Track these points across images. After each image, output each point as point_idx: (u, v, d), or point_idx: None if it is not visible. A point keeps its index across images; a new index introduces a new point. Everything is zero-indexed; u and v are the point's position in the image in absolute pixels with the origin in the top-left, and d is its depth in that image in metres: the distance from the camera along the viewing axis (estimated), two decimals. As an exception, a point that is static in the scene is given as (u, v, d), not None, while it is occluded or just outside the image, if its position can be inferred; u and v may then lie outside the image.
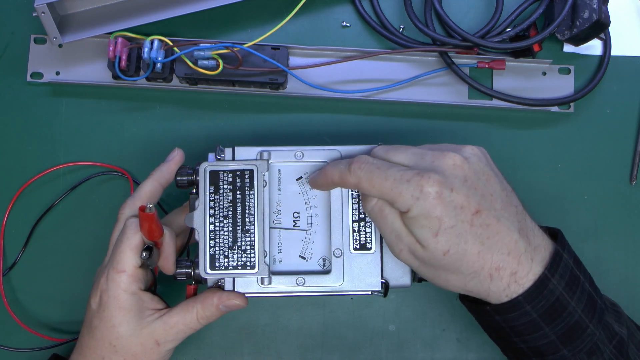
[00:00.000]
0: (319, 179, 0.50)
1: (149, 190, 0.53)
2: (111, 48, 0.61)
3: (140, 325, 0.50)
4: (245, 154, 0.53)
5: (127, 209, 0.52)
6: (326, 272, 0.52)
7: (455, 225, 0.44)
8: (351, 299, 0.63)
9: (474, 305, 0.49)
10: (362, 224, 0.52)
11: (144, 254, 0.49)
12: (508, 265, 0.45)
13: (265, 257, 0.51)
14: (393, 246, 0.47)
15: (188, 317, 0.51)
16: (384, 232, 0.47)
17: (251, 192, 0.52)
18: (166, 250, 0.51)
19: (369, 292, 0.52)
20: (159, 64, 0.61)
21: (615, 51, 0.66)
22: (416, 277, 0.55)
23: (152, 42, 0.60)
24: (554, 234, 0.50)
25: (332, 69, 0.64)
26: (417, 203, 0.44)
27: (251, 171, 0.52)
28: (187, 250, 0.57)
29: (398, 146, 0.48)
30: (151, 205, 0.48)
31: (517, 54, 0.65)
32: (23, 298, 0.63)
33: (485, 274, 0.45)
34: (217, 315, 0.52)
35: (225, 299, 0.51)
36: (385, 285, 0.52)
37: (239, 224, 0.51)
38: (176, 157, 0.54)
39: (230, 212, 0.51)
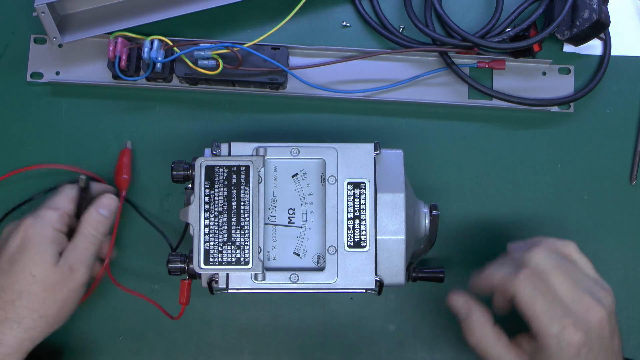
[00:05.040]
0: (478, 283, 0.51)
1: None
2: (111, 48, 0.61)
3: (58, 257, 0.53)
4: (241, 150, 0.53)
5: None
6: (320, 269, 0.52)
7: None
8: (351, 298, 0.63)
9: None
10: (356, 221, 0.52)
11: (82, 176, 0.56)
12: None
13: (259, 253, 0.51)
14: None
15: (84, 232, 0.54)
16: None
17: (246, 188, 0.52)
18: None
19: (363, 290, 0.52)
20: (159, 64, 0.61)
21: (615, 51, 0.66)
22: (410, 276, 0.55)
23: (152, 42, 0.60)
24: None
25: (332, 69, 0.64)
26: (559, 352, 0.46)
27: (247, 167, 0.52)
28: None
29: (558, 267, 0.48)
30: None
31: (517, 54, 0.65)
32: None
33: None
34: (104, 222, 0.55)
35: (98, 203, 0.56)
36: (380, 284, 0.52)
37: (233, 219, 0.51)
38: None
39: (225, 208, 0.51)
